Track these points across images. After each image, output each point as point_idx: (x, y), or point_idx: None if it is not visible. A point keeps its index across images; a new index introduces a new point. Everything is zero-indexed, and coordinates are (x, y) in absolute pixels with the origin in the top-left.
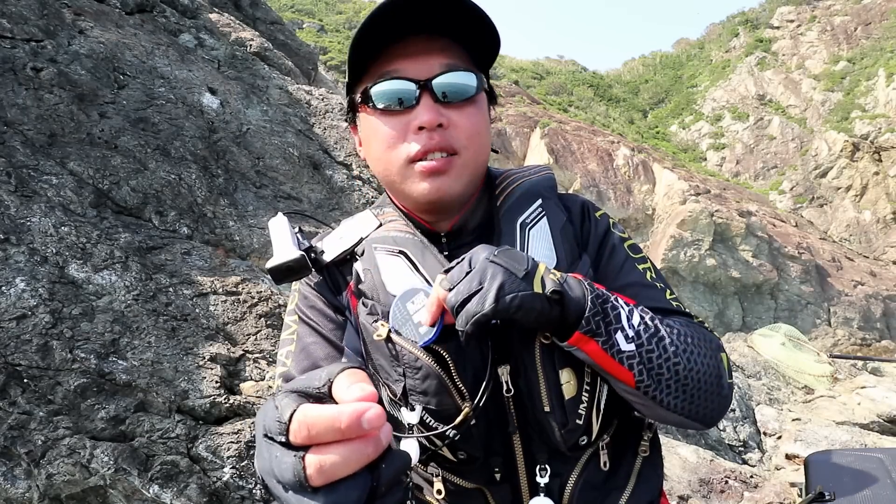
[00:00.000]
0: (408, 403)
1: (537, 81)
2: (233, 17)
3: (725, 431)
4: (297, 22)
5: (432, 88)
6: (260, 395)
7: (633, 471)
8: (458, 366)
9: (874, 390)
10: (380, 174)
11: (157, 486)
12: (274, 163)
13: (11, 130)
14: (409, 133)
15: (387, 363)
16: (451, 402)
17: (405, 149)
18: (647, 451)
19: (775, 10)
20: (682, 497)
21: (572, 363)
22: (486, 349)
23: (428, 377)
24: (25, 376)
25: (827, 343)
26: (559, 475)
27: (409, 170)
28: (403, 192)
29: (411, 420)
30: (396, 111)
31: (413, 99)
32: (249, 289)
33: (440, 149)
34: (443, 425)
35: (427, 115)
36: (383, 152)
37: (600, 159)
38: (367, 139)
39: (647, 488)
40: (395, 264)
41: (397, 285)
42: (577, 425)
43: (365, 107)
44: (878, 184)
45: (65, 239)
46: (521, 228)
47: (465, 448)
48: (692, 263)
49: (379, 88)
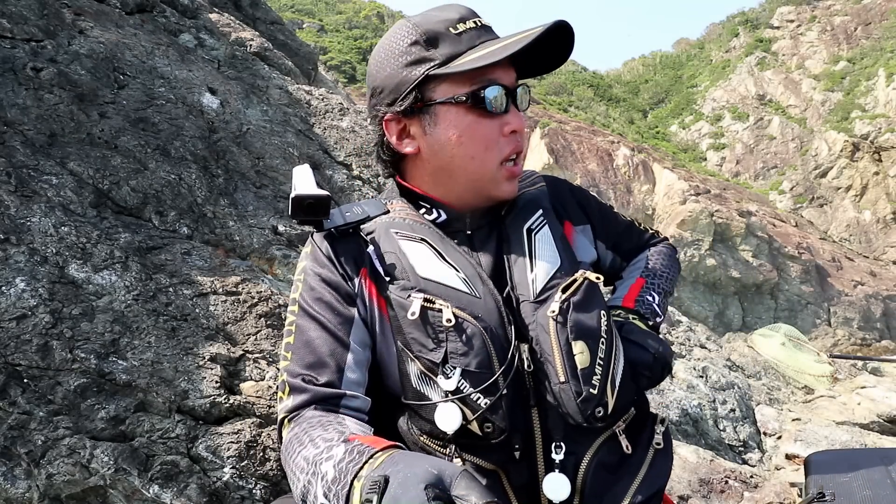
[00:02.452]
0: (444, 371)
1: (537, 81)
2: (233, 17)
3: (725, 431)
4: (297, 22)
5: (517, 98)
6: (260, 395)
7: (646, 459)
8: (490, 335)
9: (874, 390)
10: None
11: (157, 486)
12: (274, 163)
13: (11, 130)
14: (500, 136)
15: (423, 333)
16: (488, 363)
17: (499, 150)
18: (661, 444)
19: (775, 10)
20: (682, 497)
21: (584, 336)
22: (510, 326)
23: (473, 336)
24: (25, 376)
25: (827, 343)
26: (574, 454)
27: (499, 171)
28: (486, 189)
29: (448, 387)
30: (493, 115)
31: (506, 105)
32: (249, 289)
33: (519, 150)
34: (477, 393)
35: (518, 120)
36: (481, 151)
37: (600, 159)
38: (453, 137)
39: (658, 476)
40: (420, 251)
41: (427, 270)
42: (592, 394)
43: (460, 105)
44: (878, 184)
45: (65, 239)
46: (527, 234)
47: (492, 420)
48: (692, 263)
49: (492, 92)
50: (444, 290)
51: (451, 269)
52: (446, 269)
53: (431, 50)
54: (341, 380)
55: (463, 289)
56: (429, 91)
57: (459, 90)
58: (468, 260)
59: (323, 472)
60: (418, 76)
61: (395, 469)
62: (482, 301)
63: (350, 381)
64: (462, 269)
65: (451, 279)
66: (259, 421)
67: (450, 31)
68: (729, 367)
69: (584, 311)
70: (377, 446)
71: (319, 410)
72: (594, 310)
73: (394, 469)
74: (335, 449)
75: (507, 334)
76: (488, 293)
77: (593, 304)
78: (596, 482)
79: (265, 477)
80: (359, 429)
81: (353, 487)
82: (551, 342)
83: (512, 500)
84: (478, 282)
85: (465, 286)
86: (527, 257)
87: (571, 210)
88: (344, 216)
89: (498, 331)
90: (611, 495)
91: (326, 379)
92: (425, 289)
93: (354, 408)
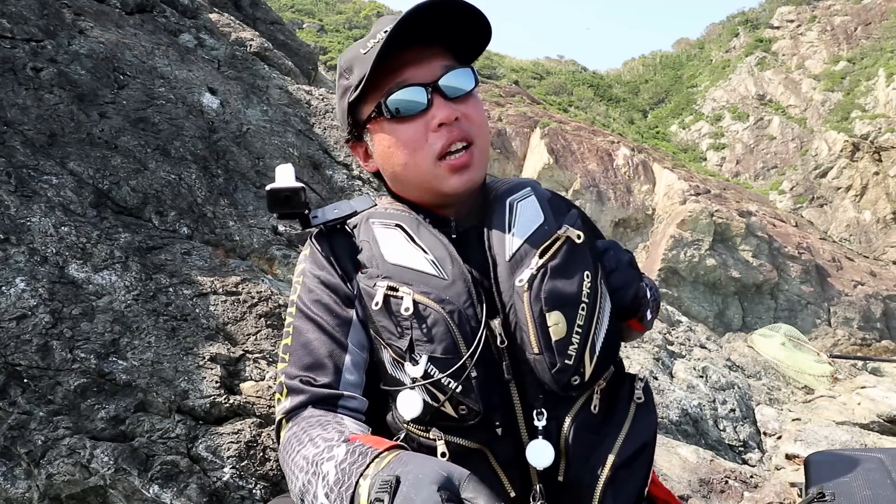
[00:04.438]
0: (412, 358)
1: (537, 81)
2: (233, 17)
3: (725, 431)
4: (297, 22)
5: (441, 89)
6: (260, 395)
7: (627, 416)
8: (455, 319)
9: (874, 390)
10: (406, 178)
11: (157, 486)
12: (274, 163)
13: (11, 130)
14: (428, 133)
15: (389, 322)
16: (454, 348)
17: (429, 148)
18: (641, 398)
19: (775, 10)
20: (682, 497)
21: (560, 304)
22: (479, 305)
23: (436, 323)
24: (25, 376)
25: (827, 343)
26: (556, 418)
27: (437, 168)
28: (434, 189)
29: (415, 374)
30: (412, 116)
31: (426, 102)
32: (249, 289)
33: (460, 139)
34: (446, 377)
35: (444, 111)
36: (409, 156)
37: (600, 159)
38: (385, 150)
39: (643, 429)
40: (393, 236)
41: (395, 255)
42: (567, 365)
43: (380, 119)
44: (878, 184)
45: (65, 239)
46: (509, 204)
47: (465, 401)
48: (692, 263)
49: (395, 97)
50: (409, 275)
51: (420, 251)
52: (414, 252)
53: (350, 77)
54: (339, 381)
55: (429, 271)
56: (359, 115)
57: (373, 105)
58: (440, 241)
59: (324, 472)
60: (345, 107)
61: (406, 470)
62: (449, 282)
63: (348, 383)
64: (431, 250)
65: (418, 262)
66: (259, 421)
67: (359, 53)
68: (729, 367)
69: (561, 276)
70: (380, 447)
71: (318, 410)
72: (575, 274)
73: (404, 470)
74: (336, 449)
75: (476, 314)
76: (458, 273)
77: (574, 266)
78: (579, 444)
79: (265, 477)
80: (358, 428)
81: (359, 486)
82: (525, 311)
83: (501, 478)
84: (447, 262)
85: (432, 268)
86: (506, 220)
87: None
88: (332, 213)
89: (466, 311)
90: (595, 455)
91: (324, 380)
92: (391, 275)
93: (352, 408)
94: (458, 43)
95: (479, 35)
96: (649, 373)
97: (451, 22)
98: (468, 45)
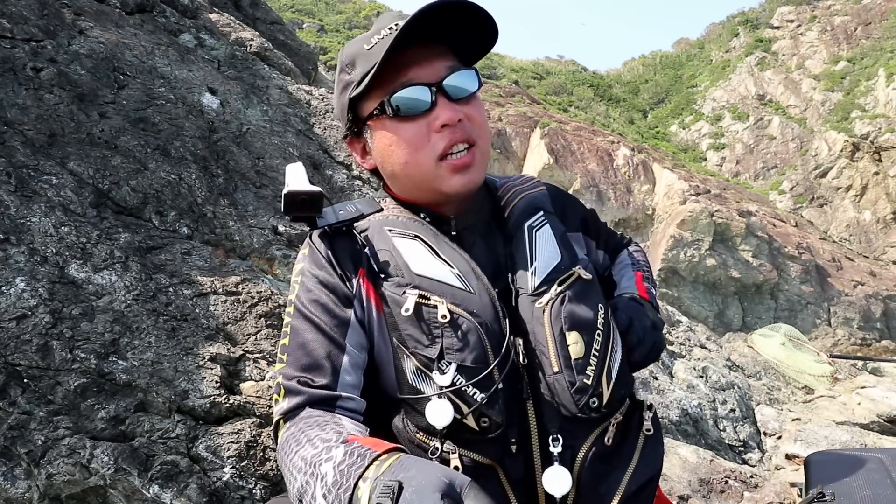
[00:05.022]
0: (439, 367)
1: (537, 81)
2: (233, 17)
3: (725, 431)
4: (297, 22)
5: (445, 89)
6: (260, 395)
7: (636, 447)
8: (485, 329)
9: (874, 390)
10: (406, 176)
11: (157, 486)
12: (274, 163)
13: (11, 130)
14: (430, 133)
15: (418, 330)
16: (484, 357)
17: (431, 148)
18: (650, 430)
19: (775, 10)
20: (682, 497)
21: (579, 326)
22: (504, 319)
23: (469, 332)
24: (25, 376)
25: (827, 343)
26: (571, 447)
27: (439, 168)
28: (434, 188)
29: (443, 382)
30: (415, 115)
31: (430, 102)
32: (249, 289)
33: (462, 140)
34: (473, 387)
35: (448, 113)
36: (410, 155)
37: (600, 159)
38: (385, 147)
39: (650, 462)
40: (415, 248)
41: (422, 266)
42: (585, 384)
43: (382, 116)
44: (878, 184)
45: (65, 239)
46: (528, 231)
47: (489, 413)
48: (692, 263)
49: (399, 96)
50: (438, 287)
51: (446, 265)
52: (440, 266)
53: (352, 73)
54: (337, 382)
55: (457, 284)
56: (360, 111)
57: (375, 102)
58: (462, 256)
59: (322, 473)
60: (345, 102)
61: (408, 475)
62: (476, 296)
63: (346, 384)
64: (456, 264)
65: (445, 275)
66: (259, 421)
67: (363, 49)
68: (729, 367)
69: (578, 303)
70: (378, 449)
71: (316, 411)
72: (590, 303)
73: (406, 475)
74: (334, 450)
75: (501, 328)
76: (482, 288)
77: (589, 297)
78: (592, 474)
79: (265, 477)
80: (356, 429)
81: (358, 489)
82: (545, 333)
83: (510, 496)
84: (472, 277)
85: (459, 282)
86: (528, 253)
87: (570, 213)
88: (337, 214)
89: (493, 325)
90: (605, 485)
91: (322, 381)
92: (420, 285)
93: (350, 409)
94: (462, 44)
95: (485, 37)
96: (649, 373)
97: (459, 23)
98: (473, 47)
